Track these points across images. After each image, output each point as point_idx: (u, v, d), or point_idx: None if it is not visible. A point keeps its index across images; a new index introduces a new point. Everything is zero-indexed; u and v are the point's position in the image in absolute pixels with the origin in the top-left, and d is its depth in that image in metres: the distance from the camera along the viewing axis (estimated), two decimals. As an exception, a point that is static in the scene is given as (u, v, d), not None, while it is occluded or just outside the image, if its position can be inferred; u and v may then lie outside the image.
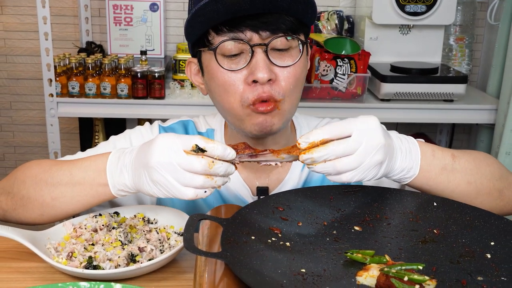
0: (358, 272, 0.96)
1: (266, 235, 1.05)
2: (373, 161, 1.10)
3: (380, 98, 2.73)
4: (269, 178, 1.47)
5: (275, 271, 0.94)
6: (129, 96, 2.63)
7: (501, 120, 2.68)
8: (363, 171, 1.10)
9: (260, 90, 1.27)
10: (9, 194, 1.31)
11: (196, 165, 1.07)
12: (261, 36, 1.26)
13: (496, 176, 1.30)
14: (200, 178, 1.08)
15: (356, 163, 1.09)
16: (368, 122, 1.11)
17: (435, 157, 1.23)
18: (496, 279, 0.96)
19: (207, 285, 0.92)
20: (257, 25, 1.25)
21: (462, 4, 3.03)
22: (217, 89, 1.33)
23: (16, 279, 1.15)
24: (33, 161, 1.35)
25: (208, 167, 1.07)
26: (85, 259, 1.15)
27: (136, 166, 1.16)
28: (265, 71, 1.25)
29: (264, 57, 1.27)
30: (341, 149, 1.08)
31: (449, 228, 1.12)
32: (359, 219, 1.16)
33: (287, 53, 1.30)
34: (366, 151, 1.09)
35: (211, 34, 1.29)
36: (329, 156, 1.08)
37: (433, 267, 0.99)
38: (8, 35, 3.17)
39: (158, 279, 1.15)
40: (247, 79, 1.27)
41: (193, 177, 1.08)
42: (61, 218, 1.30)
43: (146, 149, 1.13)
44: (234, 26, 1.26)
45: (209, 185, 1.09)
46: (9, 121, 3.30)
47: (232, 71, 1.28)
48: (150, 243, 1.21)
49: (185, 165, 1.07)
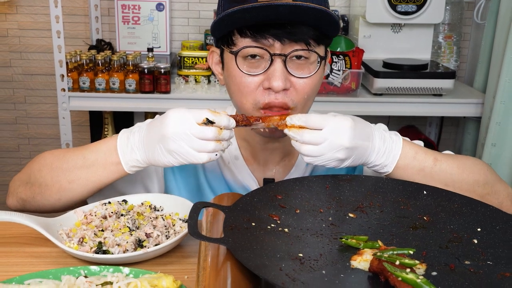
0: (352, 256, 0.96)
1: (266, 221, 1.05)
2: (333, 157, 1.18)
3: (373, 93, 2.72)
4: (276, 170, 1.47)
5: (274, 256, 0.93)
6: (137, 90, 2.63)
7: (487, 113, 2.68)
8: (322, 160, 1.18)
9: (272, 97, 1.26)
10: (27, 184, 1.33)
11: (208, 134, 1.15)
12: (283, 45, 1.24)
13: (480, 183, 1.29)
14: (211, 143, 1.16)
15: (317, 153, 1.17)
16: (341, 123, 1.17)
17: (415, 158, 1.26)
18: (483, 263, 0.96)
19: (210, 268, 0.92)
20: (280, 34, 1.23)
21: (450, 4, 3.02)
22: (233, 87, 1.32)
23: (30, 263, 1.15)
24: (46, 152, 1.36)
25: (218, 134, 1.15)
26: (95, 244, 1.15)
27: (148, 141, 1.21)
28: (281, 80, 1.23)
29: (282, 66, 1.24)
30: (308, 138, 1.17)
31: (438, 215, 1.12)
32: (353, 206, 1.16)
33: (306, 64, 1.27)
34: (328, 147, 1.16)
35: (235, 35, 1.27)
36: (298, 139, 1.18)
37: (423, 252, 0.99)
38: (22, 33, 3.16)
39: (164, 263, 1.15)
40: (263, 84, 1.26)
41: (206, 143, 1.15)
42: (77, 200, 1.32)
43: (159, 124, 1.18)
44: (258, 32, 1.23)
45: (219, 149, 1.17)
46: (24, 114, 3.30)
47: (249, 75, 1.27)
48: (156, 229, 1.21)
49: (198, 134, 1.14)
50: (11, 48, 3.17)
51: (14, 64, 3.20)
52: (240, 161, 1.46)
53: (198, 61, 2.79)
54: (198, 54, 2.80)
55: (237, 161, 1.46)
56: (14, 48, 3.18)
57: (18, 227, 1.24)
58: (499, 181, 1.34)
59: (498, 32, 2.65)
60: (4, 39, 3.16)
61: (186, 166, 1.47)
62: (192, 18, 3.20)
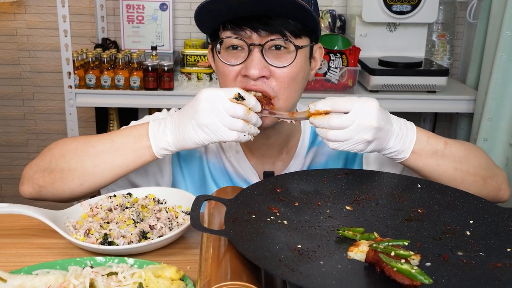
0: (349, 248, 0.96)
1: (266, 214, 1.05)
2: (361, 139, 1.14)
3: (369, 90, 2.72)
4: (275, 163, 1.47)
5: (274, 247, 0.93)
6: (141, 87, 2.62)
7: (479, 110, 2.67)
8: (349, 144, 1.15)
9: (251, 83, 1.27)
10: (46, 170, 1.30)
11: (238, 110, 1.15)
12: (260, 36, 1.26)
13: (483, 166, 1.31)
14: (240, 122, 1.16)
15: (344, 137, 1.14)
16: (367, 104, 1.15)
17: (428, 142, 1.25)
18: (475, 254, 0.96)
19: (211, 259, 0.92)
20: (257, 26, 1.25)
21: (443, 4, 3.01)
22: (219, 77, 1.36)
23: (38, 254, 1.15)
24: (63, 139, 1.35)
25: (247, 113, 1.16)
26: (101, 236, 1.15)
27: (180, 121, 1.21)
28: (257, 68, 1.25)
29: (259, 56, 1.26)
30: (336, 122, 1.14)
31: (432, 208, 1.12)
32: (350, 199, 1.15)
33: (285, 54, 1.29)
34: (356, 129, 1.14)
35: (220, 30, 1.30)
36: (325, 125, 1.15)
37: (417, 243, 0.99)
38: (31, 32, 3.15)
39: (167, 254, 1.15)
40: (241, 72, 1.28)
41: (236, 121, 1.16)
42: (98, 187, 1.30)
43: (192, 102, 1.20)
44: (237, 25, 1.26)
45: (247, 130, 1.17)
46: (32, 110, 3.29)
47: (230, 64, 1.29)
48: (160, 221, 1.21)
49: (230, 110, 1.15)
50: (20, 46, 3.17)
51: (23, 62, 3.20)
52: (240, 154, 1.46)
53: (200, 59, 2.79)
54: (200, 52, 2.80)
55: (238, 155, 1.46)
56: (22, 46, 3.17)
57: (26, 220, 1.24)
58: (495, 165, 1.37)
59: (490, 31, 2.65)
60: (13, 38, 3.15)
61: (192, 160, 1.47)
62: (195, 17, 3.19)
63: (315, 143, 1.49)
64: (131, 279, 0.96)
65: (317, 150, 1.49)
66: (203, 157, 1.48)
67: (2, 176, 3.39)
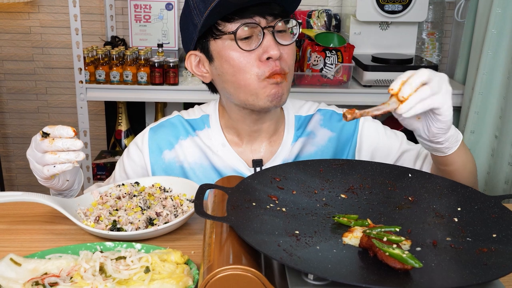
0: (344, 233, 0.95)
1: (265, 201, 1.04)
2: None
3: (363, 85, 2.71)
4: (262, 151, 1.46)
5: (273, 233, 0.93)
6: (148, 82, 2.61)
7: (466, 103, 2.67)
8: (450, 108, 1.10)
9: (273, 64, 1.28)
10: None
11: (42, 145, 1.17)
12: (267, 20, 1.28)
13: (473, 163, 1.34)
14: (47, 156, 1.17)
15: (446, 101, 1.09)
16: (442, 75, 1.11)
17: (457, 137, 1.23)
18: (462, 240, 0.95)
19: (214, 244, 0.91)
20: (262, 11, 1.27)
21: (433, 4, 3.00)
22: (231, 69, 1.31)
23: (50, 240, 1.15)
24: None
25: (50, 144, 1.16)
26: (110, 222, 1.15)
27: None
28: (276, 48, 1.28)
29: (272, 37, 1.29)
30: (432, 88, 1.07)
31: (422, 196, 1.11)
32: (345, 188, 1.15)
33: (286, 34, 1.34)
34: (449, 94, 1.09)
35: (221, 24, 1.29)
36: (428, 95, 1.06)
37: (408, 229, 0.99)
38: (44, 30, 3.14)
39: (172, 240, 1.15)
40: (261, 57, 1.28)
41: (43, 156, 1.17)
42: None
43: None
44: (244, 14, 1.27)
45: (58, 161, 1.17)
46: (45, 104, 3.29)
47: (247, 51, 1.28)
48: (165, 208, 1.21)
49: (37, 148, 1.18)
50: (34, 44, 3.16)
51: (36, 58, 3.19)
52: (227, 147, 1.44)
53: (204, 56, 2.77)
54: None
55: (225, 148, 1.44)
56: (36, 44, 3.16)
57: (40, 207, 1.24)
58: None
59: (477, 30, 2.64)
60: (28, 36, 3.14)
61: (173, 171, 1.45)
62: (198, 16, 3.18)
63: (303, 134, 1.48)
64: (139, 263, 0.96)
65: (306, 141, 1.47)
66: (183, 164, 1.45)
67: (16, 166, 3.39)
